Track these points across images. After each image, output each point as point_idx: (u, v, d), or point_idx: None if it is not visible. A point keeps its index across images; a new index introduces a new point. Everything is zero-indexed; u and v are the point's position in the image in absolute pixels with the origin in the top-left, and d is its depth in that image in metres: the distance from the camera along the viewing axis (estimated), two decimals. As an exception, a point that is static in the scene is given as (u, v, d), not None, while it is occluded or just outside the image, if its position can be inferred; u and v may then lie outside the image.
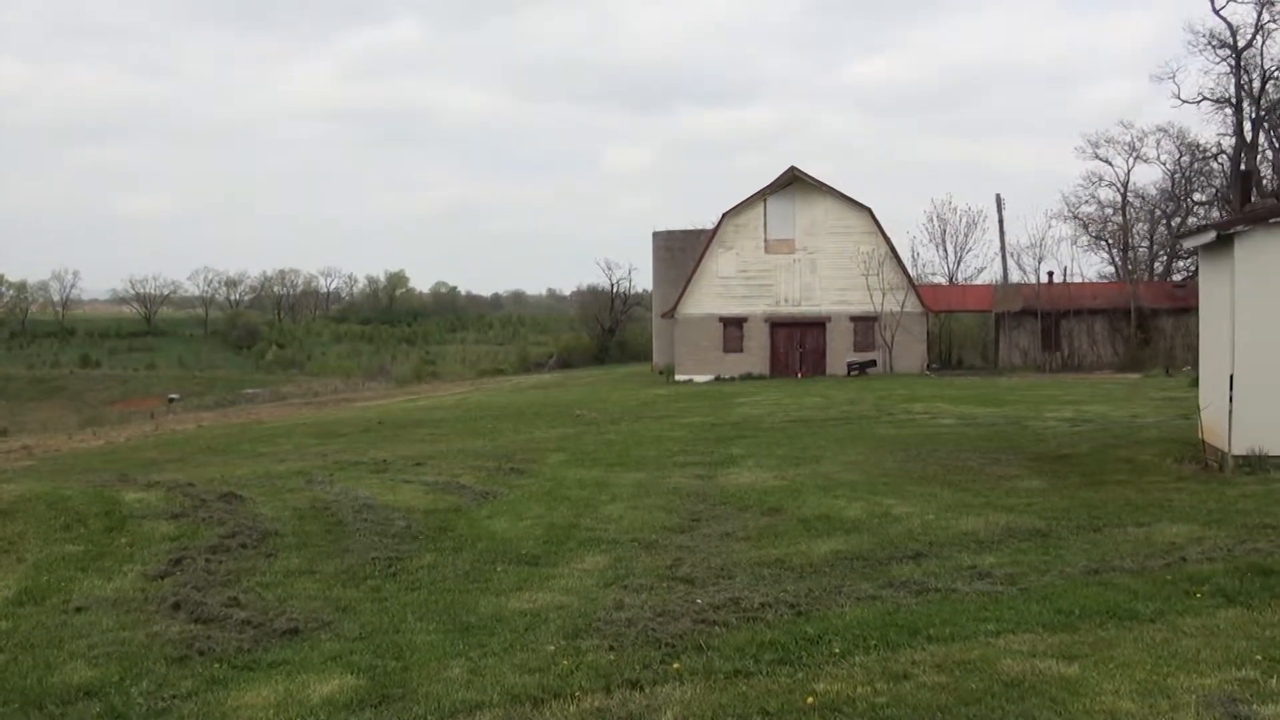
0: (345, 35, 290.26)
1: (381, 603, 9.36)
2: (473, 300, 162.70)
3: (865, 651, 7.42)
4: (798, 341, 51.07)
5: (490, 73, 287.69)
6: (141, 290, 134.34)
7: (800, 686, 6.75)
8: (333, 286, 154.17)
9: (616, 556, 10.90)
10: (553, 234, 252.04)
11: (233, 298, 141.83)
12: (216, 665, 7.61)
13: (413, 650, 7.86)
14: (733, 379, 48.60)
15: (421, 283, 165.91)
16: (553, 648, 7.76)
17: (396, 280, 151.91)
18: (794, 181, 50.46)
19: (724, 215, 51.36)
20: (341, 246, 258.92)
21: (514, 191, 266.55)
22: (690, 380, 48.82)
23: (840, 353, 50.45)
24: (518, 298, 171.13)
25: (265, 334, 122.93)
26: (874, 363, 49.66)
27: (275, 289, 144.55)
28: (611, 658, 7.47)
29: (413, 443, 23.25)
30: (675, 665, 7.23)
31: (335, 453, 21.43)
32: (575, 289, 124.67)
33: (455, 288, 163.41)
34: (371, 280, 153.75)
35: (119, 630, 8.55)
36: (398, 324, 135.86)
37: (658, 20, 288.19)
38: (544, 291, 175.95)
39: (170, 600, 9.30)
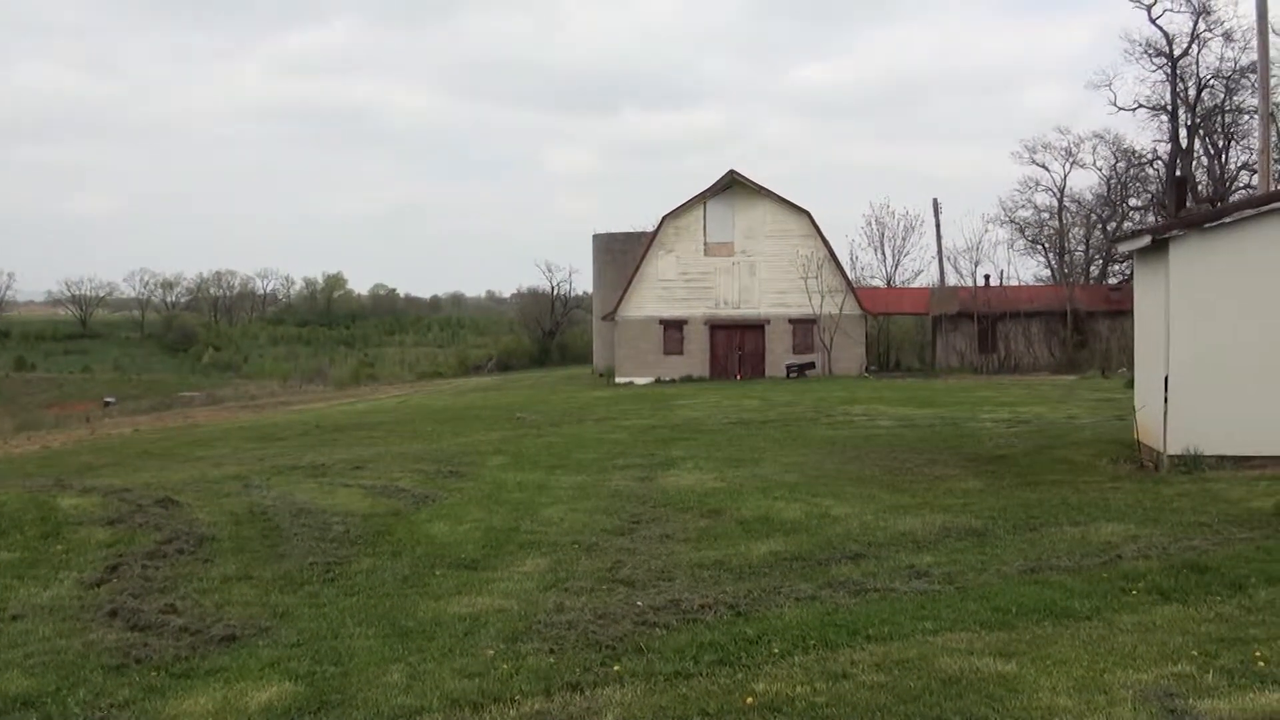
0: (285, 33, 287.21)
1: (319, 608, 9.26)
2: (411, 302, 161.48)
3: (804, 651, 7.44)
4: (737, 344, 51.27)
5: (431, 73, 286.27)
6: (77, 292, 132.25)
7: (740, 687, 6.76)
8: (270, 288, 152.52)
9: (556, 559, 10.86)
10: (493, 236, 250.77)
11: (169, 300, 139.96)
12: (154, 673, 7.49)
13: (351, 656, 7.79)
14: (673, 381, 48.68)
15: (360, 284, 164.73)
16: (492, 651, 7.71)
17: (334, 282, 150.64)
18: (733, 185, 50.67)
19: (664, 218, 51.47)
20: (279, 247, 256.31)
21: (454, 193, 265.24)
22: (631, 382, 48.87)
23: (779, 355, 50.71)
24: (457, 300, 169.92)
25: (202, 336, 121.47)
26: (813, 365, 49.94)
27: (212, 290, 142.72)
28: (552, 661, 7.44)
29: (351, 446, 23.08)
30: (616, 667, 7.21)
31: (272, 457, 21.22)
32: (515, 291, 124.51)
33: (394, 289, 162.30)
34: (309, 282, 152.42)
35: (55, 638, 8.38)
36: (336, 326, 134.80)
37: (601, 23, 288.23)
38: (483, 293, 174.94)
39: (107, 608, 9.15)
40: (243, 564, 10.89)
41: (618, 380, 50.26)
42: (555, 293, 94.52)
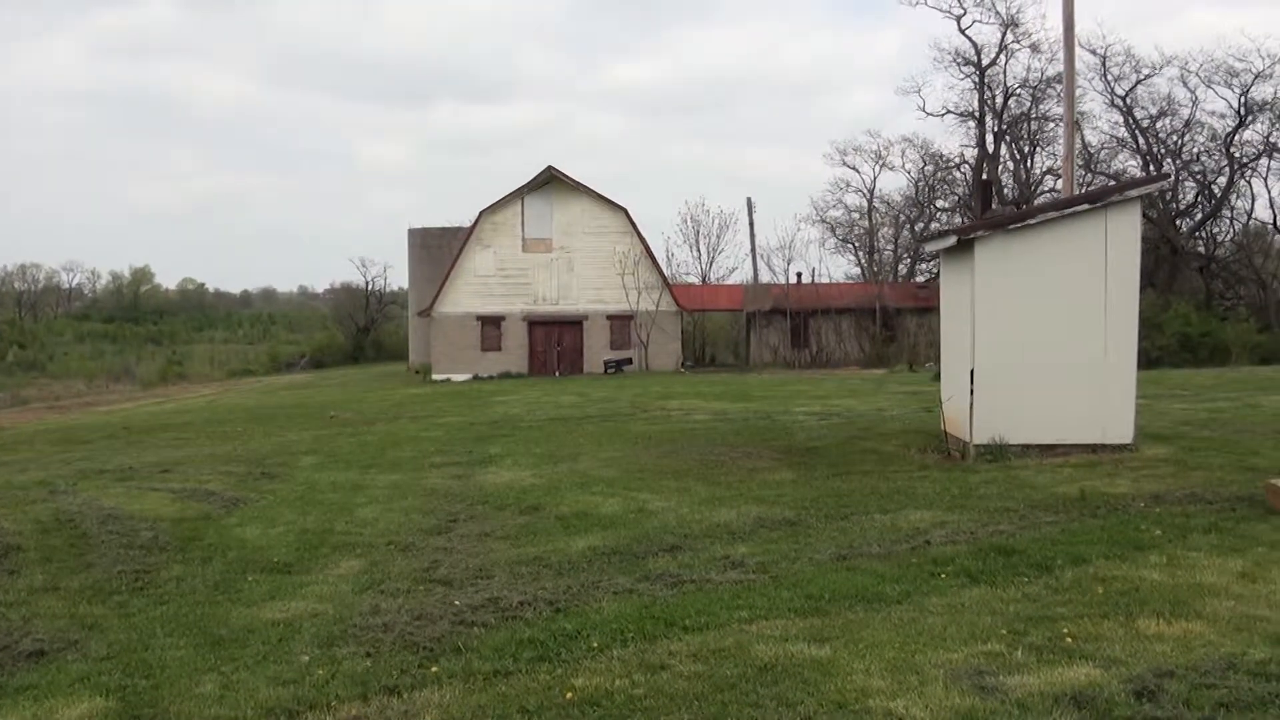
0: (95, 13, 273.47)
1: (129, 618, 8.93)
2: (221, 298, 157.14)
3: (623, 645, 7.47)
4: (555, 340, 51.34)
5: (243, 58, 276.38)
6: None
7: (560, 682, 6.76)
8: (75, 282, 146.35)
9: (372, 560, 10.70)
10: (305, 229, 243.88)
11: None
12: (-43, 694, 7.13)
13: (163, 667, 7.53)
14: (491, 378, 48.50)
15: (168, 279, 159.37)
16: (307, 657, 7.55)
17: (141, 276, 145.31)
18: (551, 181, 50.72)
19: (482, 213, 51.23)
20: (86, 239, 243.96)
21: (265, 184, 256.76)
22: (448, 379, 48.51)
23: (597, 351, 50.97)
24: (268, 295, 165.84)
25: (5, 333, 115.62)
26: (630, 361, 50.33)
27: (15, 285, 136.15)
28: (368, 664, 7.32)
29: (159, 448, 22.35)
30: (434, 668, 7.14)
31: (79, 460, 20.40)
32: (329, 287, 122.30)
33: (203, 284, 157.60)
34: (115, 276, 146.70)
35: None
36: (143, 322, 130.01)
37: (419, 13, 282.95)
38: (295, 289, 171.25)
39: (-94, 625, 8.68)
40: (50, 574, 10.45)
41: (435, 377, 49.83)
42: (370, 288, 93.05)
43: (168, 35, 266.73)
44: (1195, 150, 59.85)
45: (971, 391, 15.59)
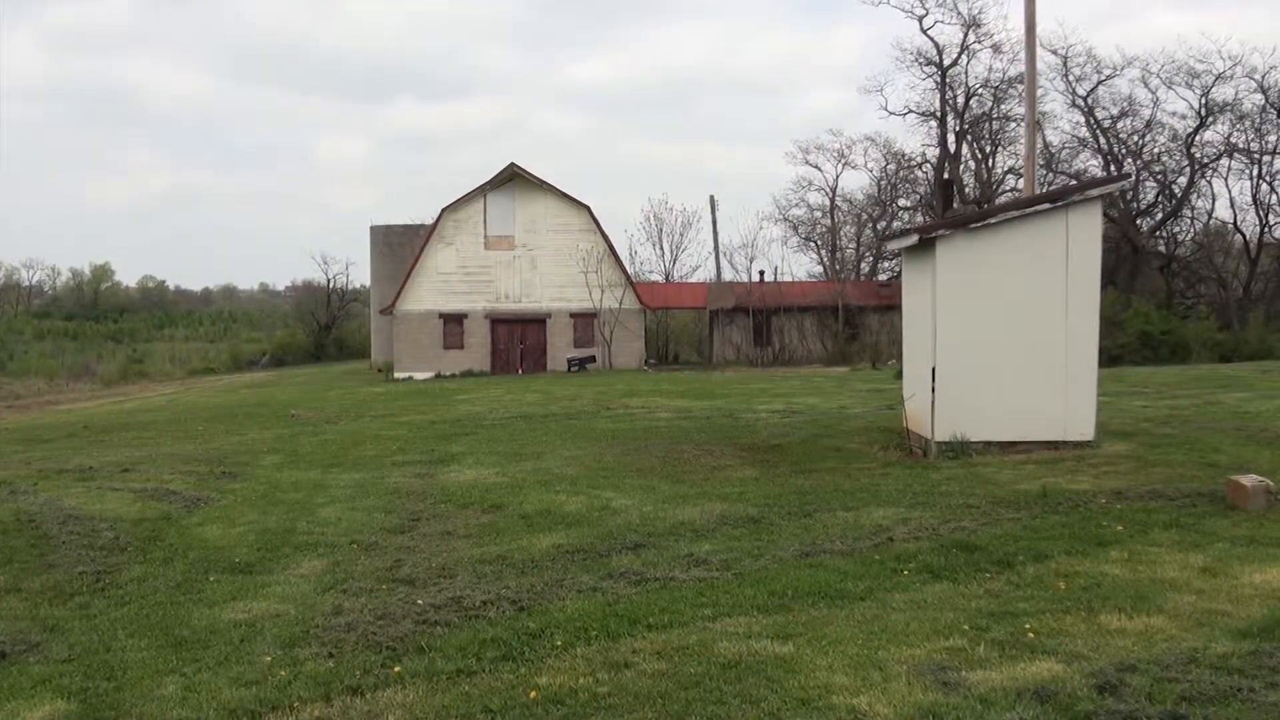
0: (53, 7, 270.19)
1: (90, 620, 8.84)
2: (182, 295, 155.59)
3: (587, 643, 7.46)
4: (518, 338, 51.24)
5: (202, 54, 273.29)
6: None
7: (523, 681, 6.74)
8: (35, 280, 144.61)
9: (334, 560, 10.63)
10: (267, 226, 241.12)
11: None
12: (-83, 699, 7.03)
13: (124, 669, 7.45)
14: (453, 376, 48.36)
15: (128, 276, 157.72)
16: (270, 658, 7.49)
17: (101, 273, 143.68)
18: (514, 178, 50.58)
19: (444, 210, 51.04)
20: (46, 236, 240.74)
21: (226, 180, 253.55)
22: (410, 378, 48.32)
23: (561, 349, 50.89)
24: (229, 292, 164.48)
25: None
26: (594, 358, 50.29)
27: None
28: (331, 665, 7.27)
29: (120, 447, 22.13)
30: (397, 669, 7.10)
31: (39, 460, 20.17)
32: (290, 284, 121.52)
33: (164, 282, 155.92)
34: (75, 273, 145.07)
35: None
36: (103, 320, 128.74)
37: (376, 10, 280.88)
38: (256, 286, 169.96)
39: None
40: (11, 575, 10.33)
41: (397, 375, 49.62)
42: (331, 285, 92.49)
43: (124, 30, 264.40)
44: (1156, 150, 60.52)
45: (933, 389, 15.66)
